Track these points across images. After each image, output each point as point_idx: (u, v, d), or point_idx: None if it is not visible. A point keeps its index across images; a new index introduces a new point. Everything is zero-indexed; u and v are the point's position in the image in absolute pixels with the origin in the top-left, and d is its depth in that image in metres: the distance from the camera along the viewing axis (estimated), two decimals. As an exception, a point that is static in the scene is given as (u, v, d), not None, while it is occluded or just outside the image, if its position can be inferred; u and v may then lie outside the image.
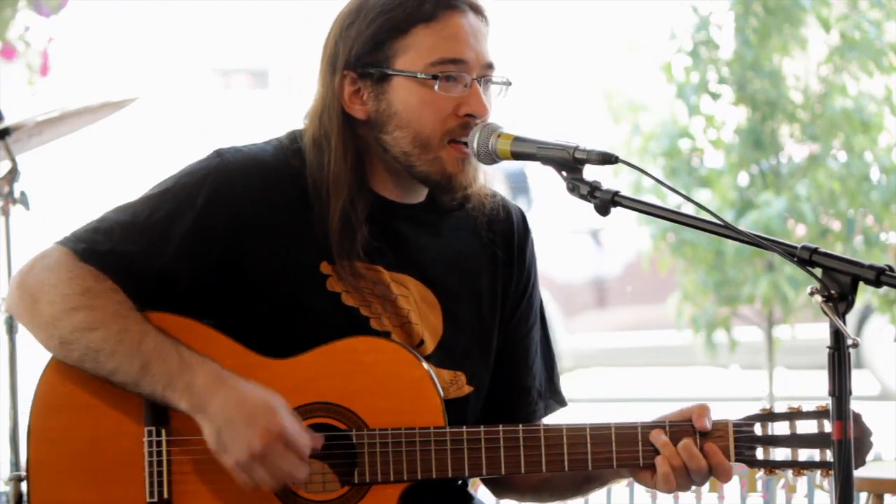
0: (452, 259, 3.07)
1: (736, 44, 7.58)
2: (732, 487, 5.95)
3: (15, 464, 4.30)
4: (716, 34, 7.62)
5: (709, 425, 2.92)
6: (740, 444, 2.93)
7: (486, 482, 3.20)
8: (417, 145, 2.95)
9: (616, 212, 2.83)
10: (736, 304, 7.72)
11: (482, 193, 3.08)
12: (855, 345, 2.58)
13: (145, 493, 2.89)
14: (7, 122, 4.57)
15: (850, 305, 2.60)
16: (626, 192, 2.83)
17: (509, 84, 3.01)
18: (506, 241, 3.13)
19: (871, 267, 2.59)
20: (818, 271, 2.63)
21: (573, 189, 2.84)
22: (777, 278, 7.47)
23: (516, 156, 2.91)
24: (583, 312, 11.84)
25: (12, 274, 3.01)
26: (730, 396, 10.92)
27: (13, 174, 4.64)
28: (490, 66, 2.98)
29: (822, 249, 2.64)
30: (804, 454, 2.95)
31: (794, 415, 2.94)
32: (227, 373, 2.86)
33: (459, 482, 3.07)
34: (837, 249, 7.35)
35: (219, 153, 2.99)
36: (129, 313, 2.89)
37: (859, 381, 2.77)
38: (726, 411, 3.02)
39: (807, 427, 2.95)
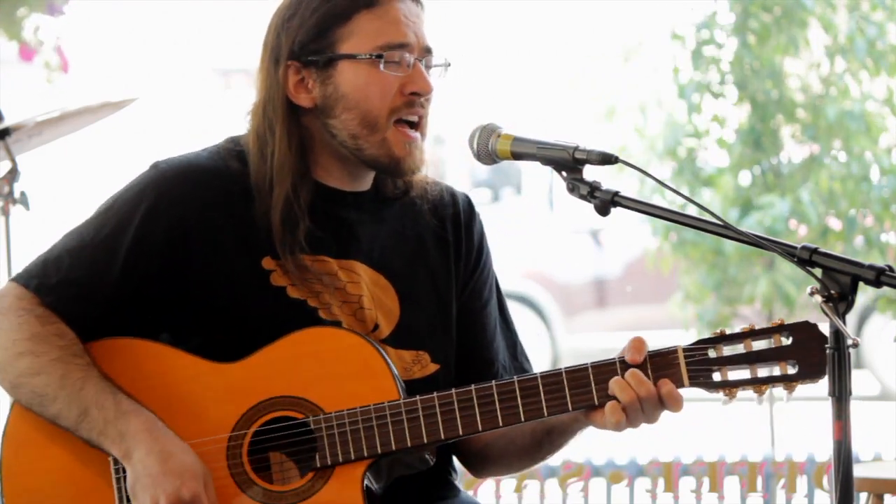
0: (400, 242, 3.09)
1: (737, 44, 7.57)
2: (732, 487, 5.94)
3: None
4: (717, 34, 7.61)
5: (640, 358, 2.94)
6: (693, 369, 2.91)
7: (463, 463, 3.19)
8: (365, 125, 2.98)
9: (616, 212, 2.83)
10: (737, 304, 7.71)
11: (425, 181, 3.12)
12: (855, 345, 2.58)
13: None
14: (7, 122, 4.57)
15: (850, 305, 2.60)
16: (631, 192, 2.83)
17: (448, 65, 3.06)
18: (452, 222, 3.16)
19: (871, 267, 2.59)
20: (818, 271, 2.63)
21: (573, 189, 2.85)
22: (776, 277, 7.47)
23: (516, 156, 2.92)
24: (583, 312, 11.85)
25: (11, 274, 3.02)
26: (730, 396, 10.90)
27: (13, 174, 4.64)
28: (429, 50, 3.03)
29: (822, 249, 2.64)
30: (763, 371, 2.89)
31: (747, 334, 2.90)
32: (161, 426, 2.89)
33: (437, 466, 3.04)
34: (838, 250, 7.34)
35: (154, 165, 3.03)
36: (72, 359, 2.93)
37: (859, 381, 2.76)
38: (727, 410, 3.01)
39: (763, 345, 2.90)
